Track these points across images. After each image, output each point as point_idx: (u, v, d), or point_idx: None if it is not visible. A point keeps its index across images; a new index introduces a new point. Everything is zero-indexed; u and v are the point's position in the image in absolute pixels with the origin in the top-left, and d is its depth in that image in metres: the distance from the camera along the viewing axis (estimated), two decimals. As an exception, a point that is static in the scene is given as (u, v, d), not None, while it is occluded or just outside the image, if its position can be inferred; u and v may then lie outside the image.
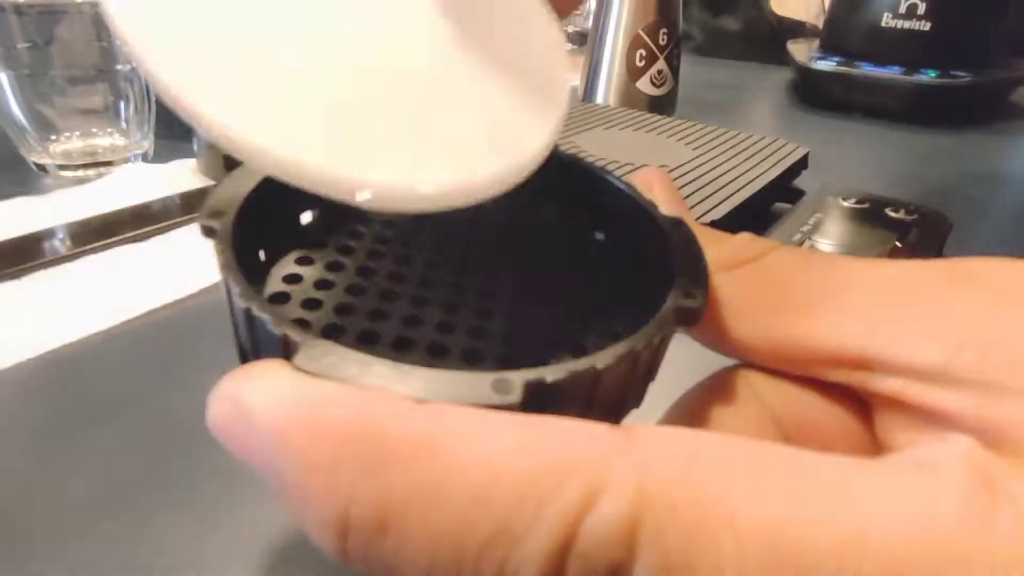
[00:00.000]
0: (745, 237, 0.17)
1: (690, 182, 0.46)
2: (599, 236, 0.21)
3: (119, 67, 0.56)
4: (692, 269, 0.16)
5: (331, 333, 0.17)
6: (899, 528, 0.10)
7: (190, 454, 0.29)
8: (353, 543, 0.11)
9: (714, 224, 0.40)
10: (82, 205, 0.48)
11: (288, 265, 0.19)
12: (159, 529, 0.25)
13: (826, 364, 0.15)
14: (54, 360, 0.35)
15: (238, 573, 0.24)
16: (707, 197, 0.44)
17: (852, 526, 0.11)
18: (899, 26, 0.82)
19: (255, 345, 0.14)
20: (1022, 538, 0.10)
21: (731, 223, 0.42)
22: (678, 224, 0.17)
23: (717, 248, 0.17)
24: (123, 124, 0.58)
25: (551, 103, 0.17)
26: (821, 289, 0.16)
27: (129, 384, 0.33)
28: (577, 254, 0.21)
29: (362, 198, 0.13)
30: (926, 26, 0.80)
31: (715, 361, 0.18)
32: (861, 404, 0.16)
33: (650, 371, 0.16)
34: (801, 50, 0.93)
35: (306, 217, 0.20)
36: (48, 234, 0.44)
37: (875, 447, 0.16)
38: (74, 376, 0.34)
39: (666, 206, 0.18)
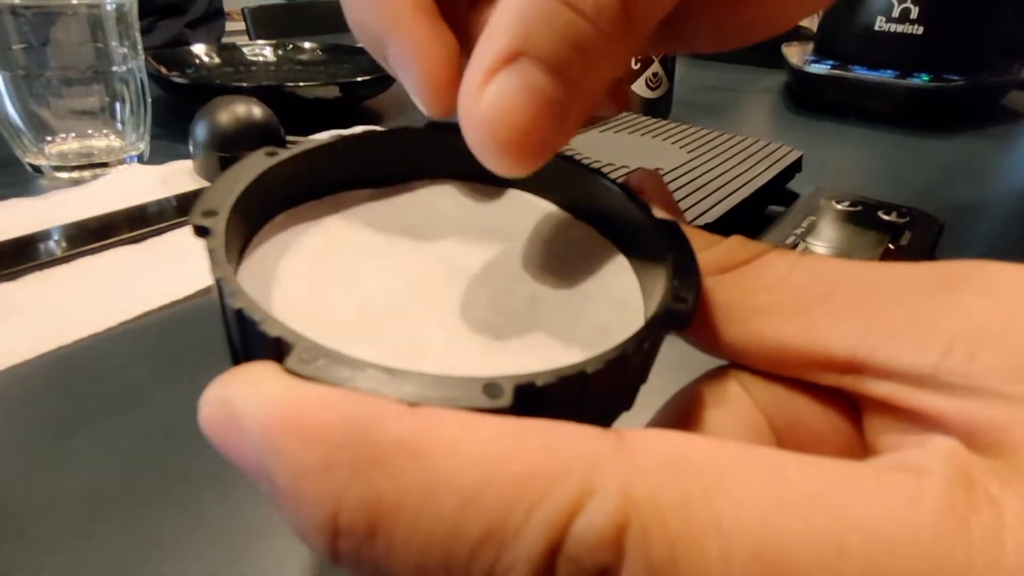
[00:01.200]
0: (737, 240, 0.18)
1: (685, 185, 0.46)
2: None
3: (115, 68, 0.56)
4: (684, 272, 0.16)
5: None
6: (879, 532, 0.11)
7: (185, 455, 0.29)
8: (344, 545, 0.11)
9: (708, 227, 0.40)
10: (78, 206, 0.48)
11: None
12: (154, 530, 0.25)
13: (815, 367, 0.16)
14: (50, 362, 0.35)
15: (233, 574, 0.24)
16: (702, 200, 0.44)
17: (834, 530, 0.11)
18: (892, 30, 0.82)
19: (247, 347, 0.14)
20: (999, 542, 0.11)
21: (726, 226, 0.42)
22: (671, 227, 0.18)
23: (709, 251, 0.17)
24: (119, 125, 0.58)
25: None
26: (811, 292, 0.16)
27: (125, 386, 0.33)
28: None
29: None
30: (919, 30, 0.80)
31: (706, 362, 0.18)
32: (851, 405, 0.16)
33: (641, 374, 0.16)
34: (795, 53, 0.93)
35: None
36: (43, 236, 0.44)
37: (864, 448, 0.16)
38: (70, 378, 0.34)
39: (659, 208, 0.18)
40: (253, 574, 0.24)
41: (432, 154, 0.20)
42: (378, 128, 0.20)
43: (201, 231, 0.15)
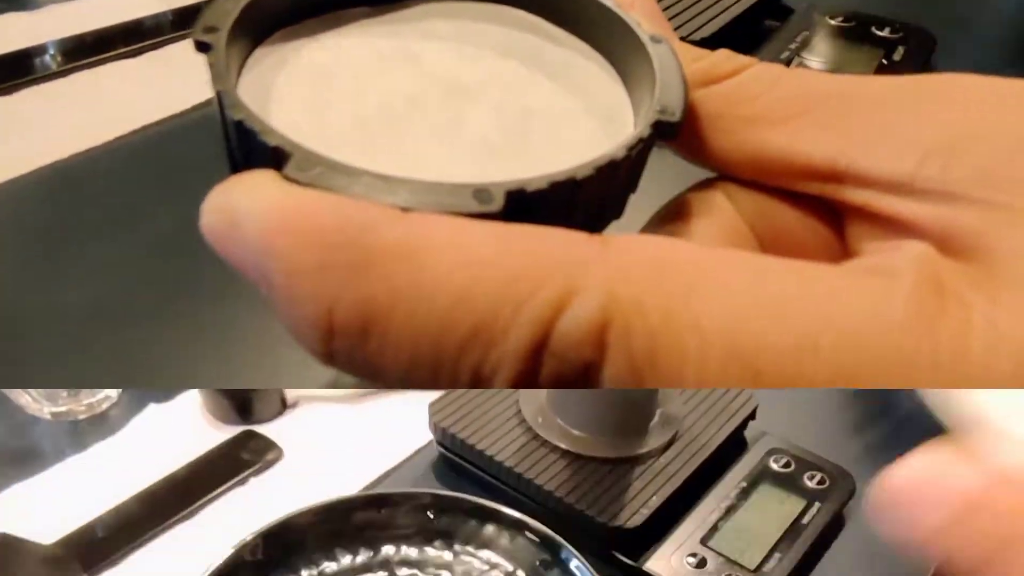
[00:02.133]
0: (723, 54, 0.18)
1: (677, 2, 0.45)
2: None
3: None
4: (671, 85, 0.17)
5: None
6: (850, 328, 0.11)
7: (182, 267, 0.29)
8: (338, 345, 0.12)
9: (703, 42, 0.40)
10: (74, 20, 0.47)
11: None
12: (153, 340, 0.27)
13: (799, 176, 0.16)
14: (47, 176, 0.35)
15: (230, 383, 0.26)
16: (697, 15, 0.43)
17: (808, 328, 0.11)
18: None
19: (246, 157, 0.14)
20: (964, 340, 0.11)
21: (720, 41, 0.42)
22: (659, 41, 0.18)
23: (696, 64, 0.18)
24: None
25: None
26: (795, 103, 0.16)
27: (123, 199, 0.33)
28: None
29: None
30: None
31: (696, 174, 0.18)
32: (834, 214, 0.17)
33: (630, 183, 0.17)
34: None
35: None
36: (39, 50, 0.44)
37: (845, 256, 0.17)
38: (67, 192, 0.34)
39: (648, 23, 0.19)
40: (253, 383, 0.25)
41: None
42: None
43: (202, 47, 0.15)
